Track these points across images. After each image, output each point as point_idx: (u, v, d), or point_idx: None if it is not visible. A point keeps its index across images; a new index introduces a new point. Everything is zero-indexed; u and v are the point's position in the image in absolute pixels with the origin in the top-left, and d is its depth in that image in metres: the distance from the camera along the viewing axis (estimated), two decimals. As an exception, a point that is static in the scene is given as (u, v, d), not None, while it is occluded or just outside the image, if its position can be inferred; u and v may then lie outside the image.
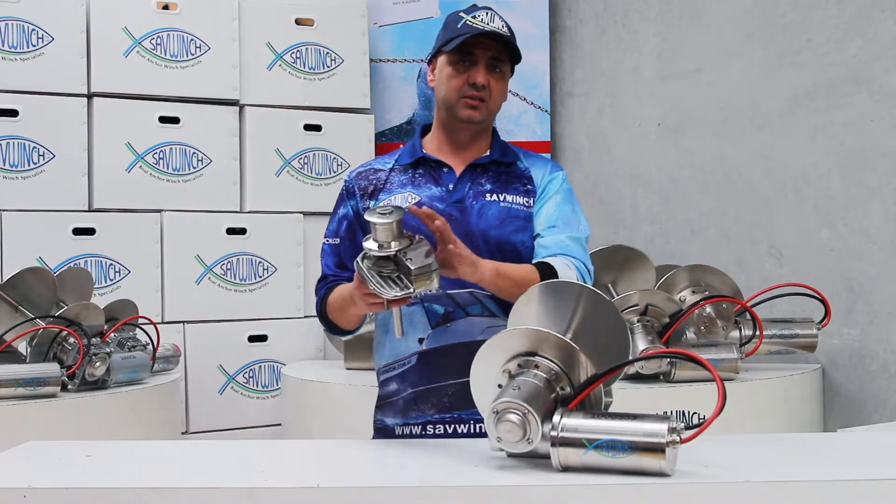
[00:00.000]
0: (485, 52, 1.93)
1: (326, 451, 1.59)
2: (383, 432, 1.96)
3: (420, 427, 1.92)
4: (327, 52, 3.96)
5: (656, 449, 1.29)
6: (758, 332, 2.95)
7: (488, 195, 1.95)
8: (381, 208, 1.65)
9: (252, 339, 3.75)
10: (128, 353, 3.00)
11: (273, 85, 3.86)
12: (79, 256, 3.48)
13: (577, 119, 4.18)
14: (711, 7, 3.63)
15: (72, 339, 2.80)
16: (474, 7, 1.97)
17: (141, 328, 3.20)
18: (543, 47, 4.19)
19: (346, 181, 2.05)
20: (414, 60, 4.18)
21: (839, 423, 3.09)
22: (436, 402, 1.90)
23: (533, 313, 1.57)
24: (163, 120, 3.66)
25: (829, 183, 3.21)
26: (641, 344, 2.76)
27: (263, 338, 3.77)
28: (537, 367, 1.43)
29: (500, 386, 1.44)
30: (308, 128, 3.90)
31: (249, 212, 3.79)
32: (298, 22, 3.92)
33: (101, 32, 3.57)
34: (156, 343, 3.18)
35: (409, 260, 1.61)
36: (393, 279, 1.61)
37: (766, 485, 1.29)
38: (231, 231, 3.73)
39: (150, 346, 3.16)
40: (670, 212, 3.76)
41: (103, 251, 3.52)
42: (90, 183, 3.55)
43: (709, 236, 3.61)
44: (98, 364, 2.82)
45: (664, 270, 3.15)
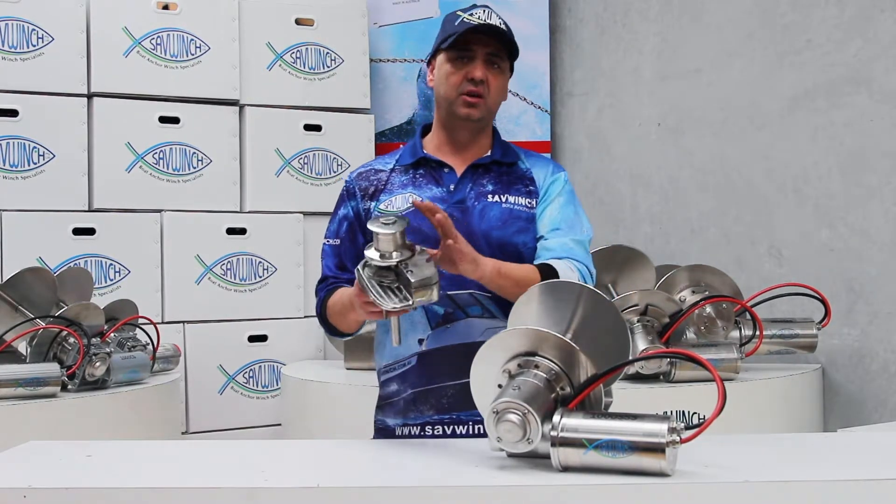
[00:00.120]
0: (482, 47, 1.94)
1: (326, 451, 1.59)
2: (384, 432, 1.97)
3: (419, 428, 1.92)
4: (327, 52, 3.96)
5: (656, 449, 1.29)
6: (758, 332, 2.95)
7: (490, 196, 1.95)
8: (385, 217, 1.64)
9: (252, 339, 3.75)
10: (128, 353, 3.00)
11: (273, 85, 3.86)
12: (79, 256, 3.48)
13: (577, 119, 4.18)
14: (711, 7, 3.63)
15: (72, 339, 2.80)
16: (473, 6, 1.98)
17: (141, 328, 3.20)
18: (543, 47, 4.19)
19: (346, 182, 2.05)
20: (414, 60, 4.18)
21: (839, 423, 3.09)
22: (435, 402, 1.90)
23: (533, 313, 1.57)
24: (163, 120, 3.66)
25: (829, 183, 3.21)
26: (641, 344, 2.76)
27: (263, 338, 3.77)
28: (537, 367, 1.43)
29: (500, 386, 1.45)
30: (308, 128, 3.90)
31: (249, 212, 3.79)
32: (298, 22, 3.92)
33: (101, 32, 3.57)
34: (156, 343, 3.18)
35: (410, 272, 1.59)
36: (393, 289, 1.61)
37: (766, 485, 1.29)
38: (231, 231, 3.73)
39: (150, 346, 3.16)
40: (670, 212, 3.76)
41: (103, 251, 3.52)
42: (90, 183, 3.55)
43: (709, 236, 3.61)
44: (98, 364, 2.82)
45: (664, 270, 3.15)
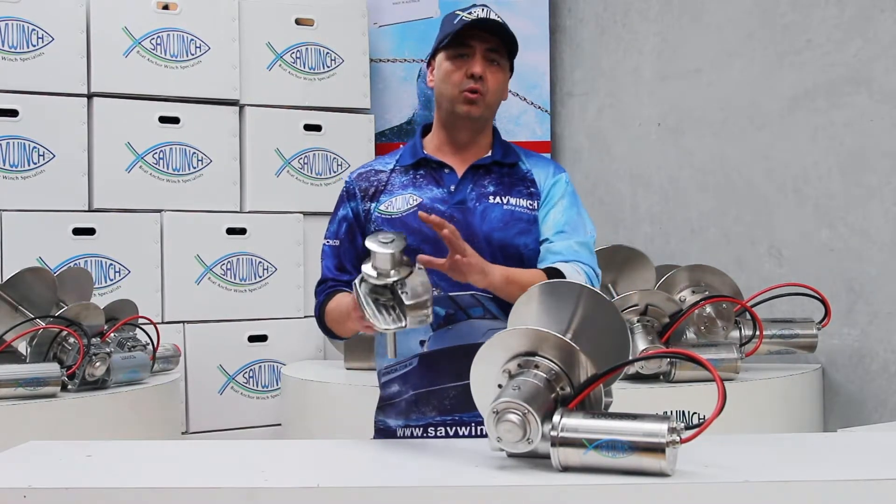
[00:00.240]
0: (481, 43, 1.94)
1: (326, 451, 1.59)
2: (385, 433, 1.96)
3: (421, 429, 1.92)
4: (327, 52, 3.96)
5: (656, 449, 1.29)
6: (758, 332, 2.95)
7: (491, 197, 1.95)
8: (383, 235, 1.62)
9: (252, 339, 3.75)
10: (128, 353, 3.00)
11: (273, 85, 3.86)
12: (79, 256, 3.48)
13: (577, 119, 4.18)
14: (711, 7, 3.63)
15: (72, 339, 2.80)
16: (472, 6, 1.98)
17: (141, 328, 3.20)
18: (543, 47, 4.19)
19: (346, 182, 2.05)
20: (414, 60, 4.18)
21: (839, 423, 3.09)
22: (437, 404, 1.90)
23: (533, 313, 1.57)
24: (163, 120, 3.66)
25: (829, 183, 3.21)
26: (641, 344, 2.76)
27: (263, 338, 3.76)
28: (537, 367, 1.43)
29: (500, 386, 1.45)
30: (308, 128, 3.90)
31: (249, 212, 3.79)
32: (298, 22, 3.92)
33: (101, 32, 3.57)
34: (156, 343, 3.18)
35: (405, 293, 1.58)
36: (388, 308, 1.59)
37: (766, 485, 1.29)
38: (231, 231, 3.73)
39: (150, 346, 3.16)
40: (670, 212, 3.76)
41: (103, 251, 3.52)
42: (90, 183, 3.55)
43: (709, 236, 3.61)
44: (98, 364, 2.82)
45: (664, 270, 3.15)
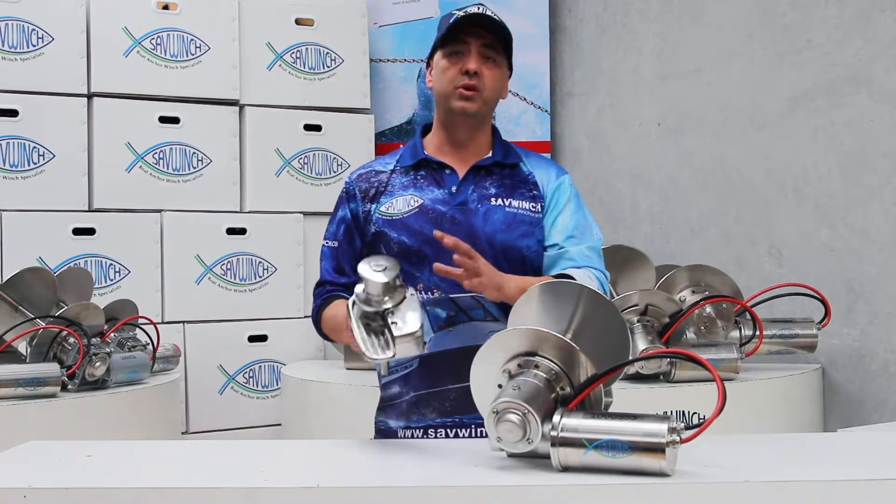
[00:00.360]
0: (476, 40, 1.94)
1: (326, 451, 1.59)
2: (386, 434, 1.96)
3: (422, 431, 1.92)
4: (327, 52, 3.96)
5: (656, 449, 1.29)
6: (758, 332, 2.95)
7: (493, 199, 1.95)
8: (376, 262, 1.59)
9: (252, 339, 3.75)
10: (128, 353, 3.00)
11: (273, 85, 3.85)
12: (79, 256, 3.47)
13: (577, 119, 4.18)
14: (711, 7, 3.63)
15: (72, 339, 2.80)
16: (468, 5, 1.99)
17: (141, 328, 3.20)
18: (543, 47, 4.19)
19: (346, 183, 2.04)
20: (414, 60, 4.18)
21: (839, 423, 3.09)
22: (437, 406, 1.90)
23: (533, 313, 1.57)
24: (163, 120, 3.66)
25: (829, 183, 3.21)
26: (641, 344, 2.76)
27: (263, 338, 3.76)
28: (537, 367, 1.43)
29: (500, 386, 1.44)
30: (308, 128, 3.90)
31: (249, 212, 3.79)
32: (298, 22, 3.92)
33: (101, 32, 3.57)
34: (156, 343, 3.18)
35: (395, 323, 1.55)
36: (379, 333, 1.57)
37: (766, 485, 1.29)
38: (231, 231, 3.73)
39: (150, 346, 3.16)
40: (670, 212, 3.76)
41: (103, 251, 3.52)
42: (90, 183, 3.55)
43: (709, 236, 3.61)
44: (98, 364, 2.82)
45: (664, 270, 3.15)
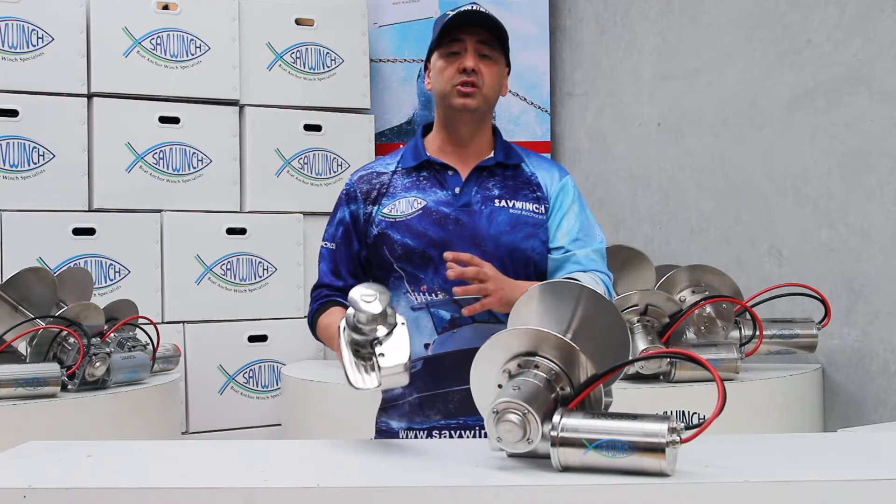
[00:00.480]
0: (471, 37, 1.94)
1: (326, 451, 1.59)
2: (387, 435, 1.96)
3: (426, 433, 1.92)
4: (327, 52, 3.96)
5: (656, 449, 1.29)
6: (758, 332, 2.95)
7: (497, 201, 1.95)
8: (367, 291, 1.56)
9: (252, 339, 3.75)
10: (128, 353, 3.00)
11: (273, 85, 3.86)
12: (79, 256, 3.47)
13: (577, 119, 4.18)
14: (711, 7, 3.63)
15: (72, 339, 2.80)
16: (462, 5, 1.99)
17: (141, 328, 3.20)
18: (543, 47, 4.19)
19: (347, 184, 2.04)
20: (414, 60, 4.18)
21: (839, 423, 3.09)
22: (441, 407, 1.90)
23: (533, 313, 1.57)
24: (163, 120, 3.66)
25: (829, 183, 3.21)
26: (641, 344, 2.76)
27: (263, 338, 3.76)
28: (537, 367, 1.42)
29: (500, 386, 1.44)
30: (308, 128, 3.90)
31: (249, 212, 3.79)
32: (298, 22, 3.92)
33: (101, 32, 3.57)
34: (156, 343, 3.18)
35: (382, 355, 1.54)
36: (367, 359, 1.57)
37: (766, 485, 1.29)
38: (231, 231, 3.73)
39: (150, 346, 3.16)
40: (670, 212, 3.76)
41: (103, 251, 3.52)
42: (90, 183, 3.55)
43: (709, 236, 3.61)
44: (98, 364, 2.82)
45: (664, 270, 3.15)
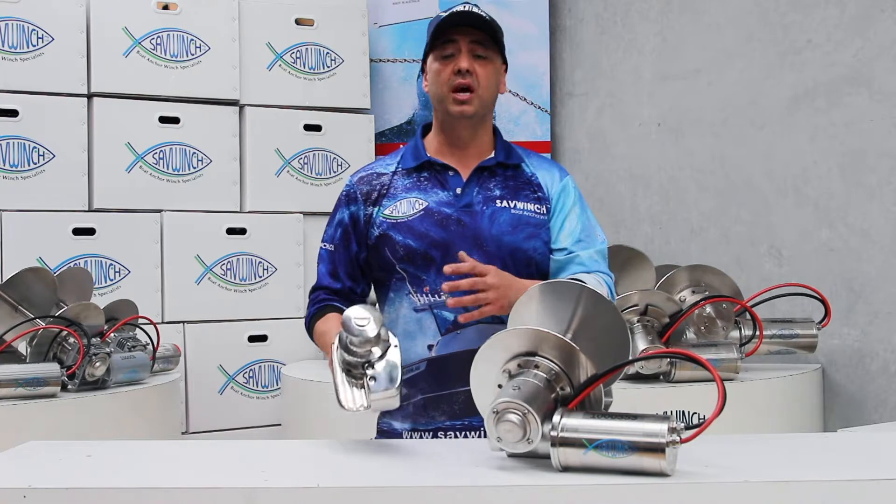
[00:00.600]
0: (465, 38, 1.93)
1: (326, 451, 1.59)
2: (389, 436, 1.95)
3: (431, 434, 1.91)
4: (327, 52, 3.96)
5: (656, 449, 1.29)
6: (758, 332, 2.95)
7: (498, 201, 1.95)
8: (360, 315, 1.54)
9: (252, 339, 3.75)
10: (128, 353, 3.00)
11: (273, 85, 3.86)
12: (79, 256, 3.47)
13: (577, 119, 4.18)
14: (711, 7, 3.63)
15: (72, 339, 2.80)
16: (455, 6, 1.98)
17: (141, 328, 3.20)
18: (543, 47, 4.19)
19: (346, 185, 2.03)
20: (414, 60, 4.18)
21: (839, 423, 3.09)
22: (446, 408, 1.90)
23: (533, 313, 1.57)
24: (163, 120, 3.66)
25: (829, 183, 3.21)
26: (641, 344, 2.76)
27: (263, 338, 3.76)
28: (537, 367, 1.42)
29: (500, 386, 1.44)
30: (308, 128, 3.90)
31: (249, 212, 3.79)
32: (298, 22, 3.92)
33: (101, 32, 3.57)
34: (156, 343, 3.18)
35: (374, 380, 1.54)
36: (358, 379, 1.56)
37: (766, 485, 1.29)
38: (231, 231, 3.73)
39: (150, 346, 3.16)
40: (670, 212, 3.76)
41: (103, 251, 3.52)
42: (90, 183, 3.55)
43: (709, 236, 3.61)
44: (98, 364, 2.82)
45: (664, 270, 3.15)
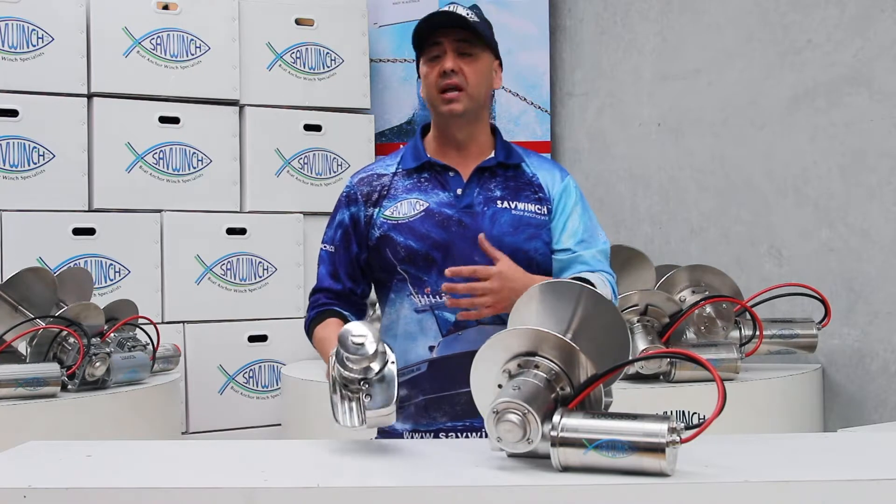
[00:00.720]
0: (449, 38, 1.92)
1: (326, 451, 1.59)
2: (390, 436, 1.95)
3: (432, 435, 1.91)
4: (327, 52, 3.96)
5: (656, 449, 1.29)
6: (758, 332, 2.95)
7: (499, 202, 1.95)
8: (357, 334, 1.54)
9: (252, 339, 3.75)
10: (128, 353, 3.00)
11: (273, 85, 3.86)
12: (79, 256, 3.47)
13: (577, 119, 4.18)
14: (711, 7, 3.63)
15: (72, 339, 2.80)
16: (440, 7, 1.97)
17: (141, 328, 3.20)
18: (543, 47, 4.19)
19: (347, 186, 2.03)
20: (414, 60, 4.16)
21: (839, 423, 3.09)
22: (448, 410, 1.90)
23: (533, 313, 1.57)
24: (163, 120, 3.66)
25: (829, 183, 3.20)
26: (641, 344, 2.76)
27: (263, 338, 3.76)
28: (537, 367, 1.42)
29: (500, 386, 1.44)
30: (308, 128, 3.90)
31: (249, 212, 3.79)
32: (298, 22, 3.92)
33: (101, 32, 3.57)
34: (156, 343, 3.18)
35: (369, 396, 1.54)
36: (354, 392, 1.56)
37: (766, 485, 1.29)
38: (231, 231, 3.73)
39: (150, 346, 3.16)
40: (670, 212, 3.76)
41: (103, 251, 3.52)
42: (90, 183, 3.55)
43: (709, 236, 3.61)
44: (98, 364, 2.82)
45: (664, 270, 3.15)
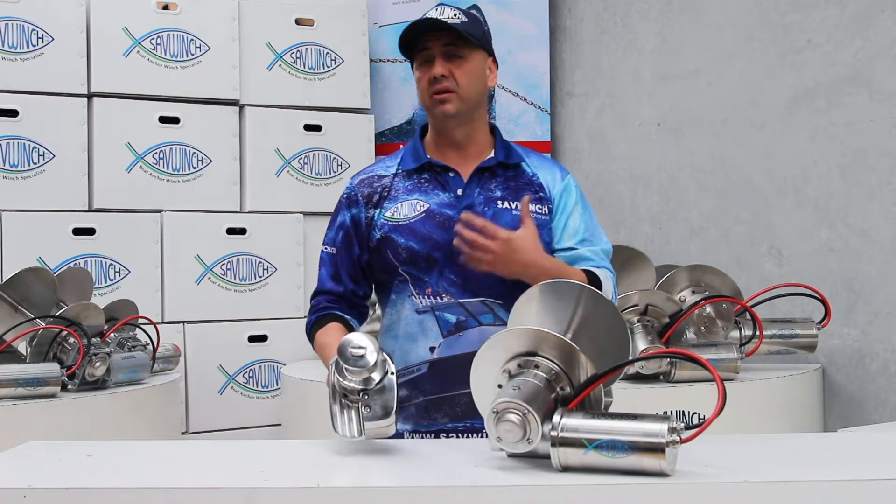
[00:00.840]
0: (436, 42, 1.91)
1: (326, 451, 1.59)
2: (391, 437, 1.96)
3: (432, 435, 1.91)
4: (327, 52, 3.96)
5: (656, 449, 1.29)
6: (758, 332, 2.95)
7: (500, 202, 1.95)
8: (356, 345, 1.54)
9: (252, 339, 3.75)
10: (128, 353, 3.00)
11: (273, 85, 3.86)
12: (79, 256, 3.47)
13: (577, 119, 4.18)
14: (711, 7, 3.63)
15: (72, 339, 2.80)
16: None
17: (141, 328, 3.20)
18: (543, 47, 4.19)
19: (347, 188, 2.02)
20: (414, 60, 4.17)
21: (839, 423, 3.09)
22: (449, 410, 1.90)
23: (533, 313, 1.57)
24: (163, 120, 3.66)
25: (829, 183, 3.20)
26: (641, 344, 2.76)
27: (263, 338, 3.76)
28: (537, 367, 1.43)
29: (500, 386, 1.45)
30: (308, 128, 3.90)
31: (249, 212, 3.79)
32: (298, 22, 3.92)
33: (101, 32, 3.57)
34: (156, 343, 3.18)
35: (368, 407, 1.54)
36: (354, 402, 1.56)
37: (766, 485, 1.29)
38: (231, 231, 3.73)
39: (150, 346, 3.16)
40: (670, 212, 3.76)
41: (103, 251, 3.52)
42: (90, 183, 3.55)
43: (709, 236, 3.61)
44: (98, 364, 2.82)
45: (664, 270, 3.15)
